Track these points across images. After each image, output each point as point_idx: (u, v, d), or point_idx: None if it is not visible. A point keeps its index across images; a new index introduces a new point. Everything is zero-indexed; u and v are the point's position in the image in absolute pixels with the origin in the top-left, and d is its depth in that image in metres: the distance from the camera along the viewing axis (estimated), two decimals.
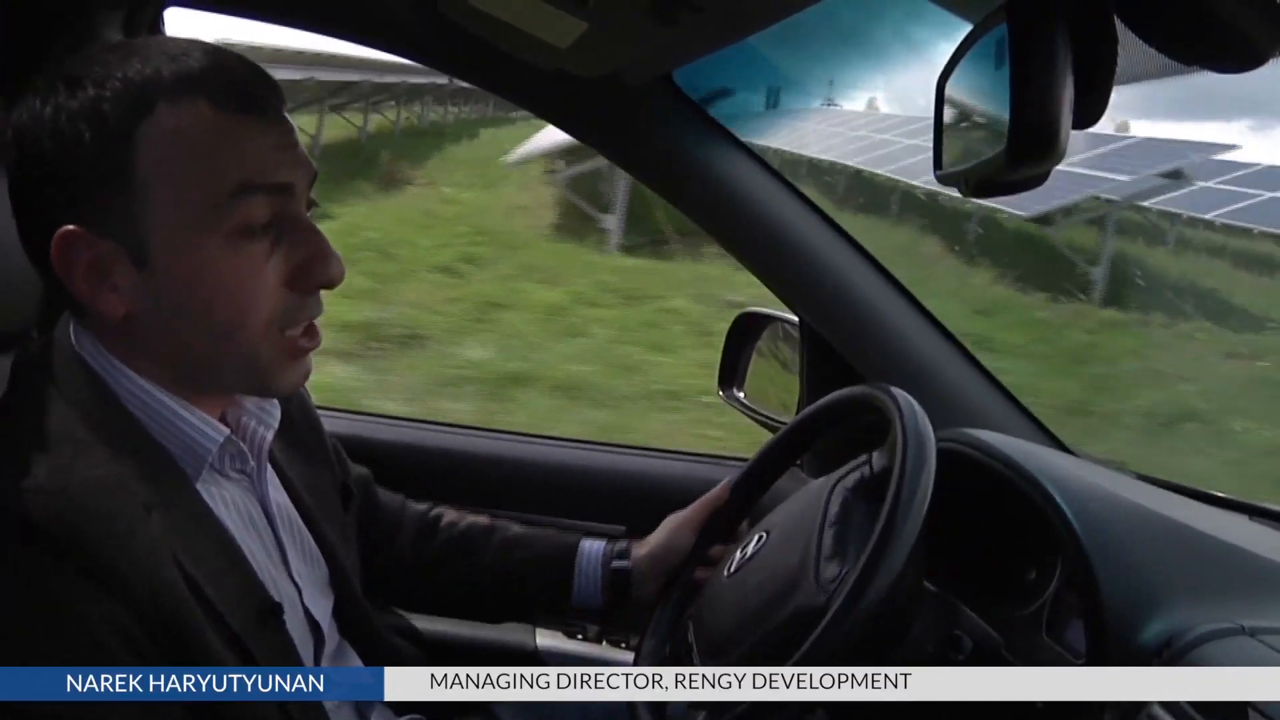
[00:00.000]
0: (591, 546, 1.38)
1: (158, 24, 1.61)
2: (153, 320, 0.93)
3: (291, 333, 0.98)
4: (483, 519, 1.45)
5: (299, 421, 1.21)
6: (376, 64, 15.93)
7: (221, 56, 0.94)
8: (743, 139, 1.55)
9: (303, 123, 13.33)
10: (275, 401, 1.09)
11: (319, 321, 1.01)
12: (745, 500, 1.36)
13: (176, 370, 0.96)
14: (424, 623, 1.69)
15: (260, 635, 0.94)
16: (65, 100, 0.89)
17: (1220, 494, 1.40)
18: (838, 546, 1.08)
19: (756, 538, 1.18)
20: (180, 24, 1.66)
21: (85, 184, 0.90)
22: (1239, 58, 0.65)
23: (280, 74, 1.07)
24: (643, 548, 1.36)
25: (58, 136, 0.89)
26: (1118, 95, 0.69)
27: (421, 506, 1.45)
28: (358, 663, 1.19)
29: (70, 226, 0.89)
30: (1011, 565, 1.24)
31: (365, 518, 1.36)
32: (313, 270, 0.96)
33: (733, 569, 1.17)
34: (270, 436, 1.08)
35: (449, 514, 1.45)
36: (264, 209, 0.92)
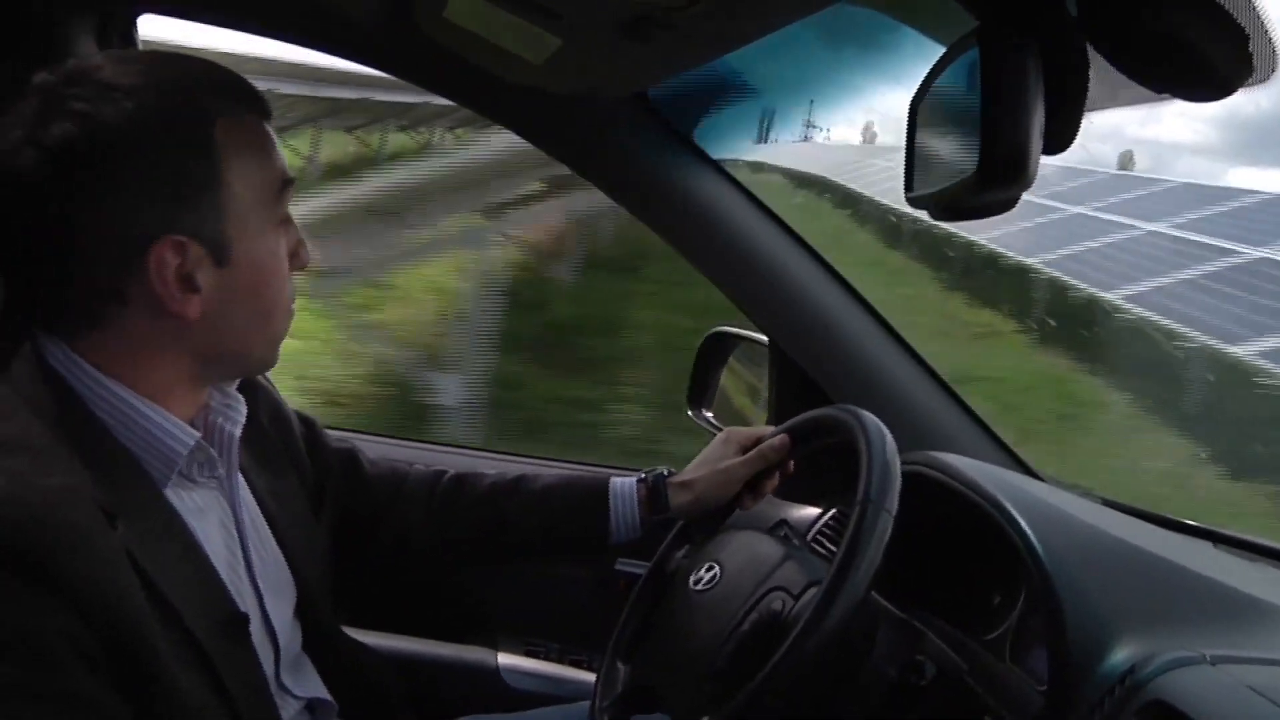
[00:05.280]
0: (623, 487, 1.34)
1: (130, 32, 1.60)
2: (221, 317, 0.98)
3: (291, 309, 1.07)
4: (504, 473, 1.40)
5: (268, 426, 1.20)
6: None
7: (224, 69, 1.00)
8: (717, 159, 1.55)
9: None
10: (240, 397, 1.09)
11: None
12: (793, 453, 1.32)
13: (208, 363, 1.01)
14: (385, 640, 1.68)
15: (224, 647, 0.93)
16: (102, 107, 0.90)
17: (1185, 521, 1.41)
18: (798, 576, 1.08)
19: (707, 566, 1.17)
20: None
21: (171, 193, 0.92)
22: (1207, 86, 0.66)
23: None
24: (685, 493, 1.32)
25: (127, 145, 0.90)
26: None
27: (426, 470, 1.41)
28: (315, 676, 1.17)
29: (173, 236, 0.92)
30: (976, 590, 1.24)
31: (352, 495, 1.33)
32: (299, 254, 1.05)
33: (690, 595, 1.17)
34: (238, 433, 1.07)
35: (460, 472, 1.41)
36: (288, 201, 1.03)
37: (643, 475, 1.34)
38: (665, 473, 1.34)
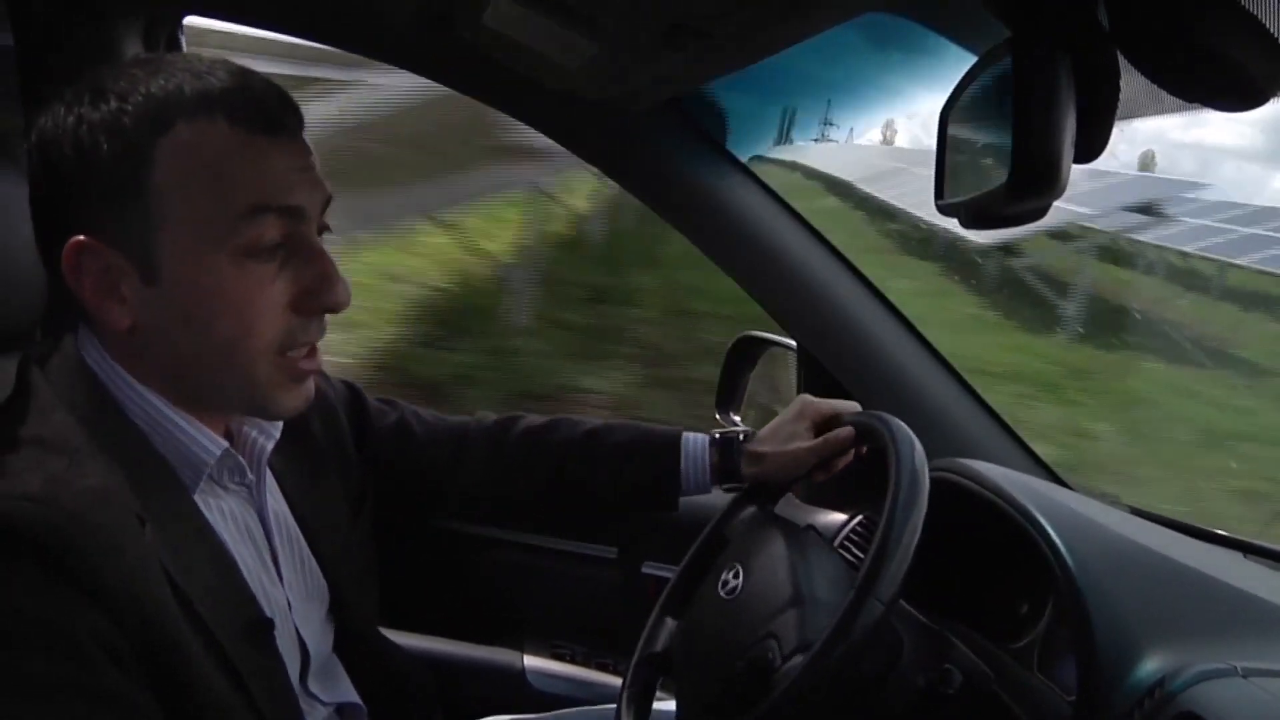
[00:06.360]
0: (695, 444, 1.35)
1: (176, 34, 1.62)
2: (156, 334, 0.93)
3: (292, 355, 0.97)
4: (576, 425, 1.40)
5: (315, 426, 1.21)
6: None
7: (246, 77, 0.94)
8: (748, 164, 1.56)
9: None
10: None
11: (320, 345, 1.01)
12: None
13: (177, 385, 0.96)
14: (411, 640, 1.69)
15: (247, 651, 0.93)
16: (88, 111, 0.89)
17: (1215, 530, 1.39)
18: (792, 634, 1.08)
19: (735, 572, 1.17)
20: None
21: (100, 195, 0.90)
22: (1240, 96, 0.66)
23: None
24: (755, 464, 1.32)
25: (77, 146, 0.89)
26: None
27: (490, 420, 1.41)
28: (345, 680, 1.18)
29: (82, 236, 0.90)
30: (1004, 598, 1.23)
31: (409, 460, 1.35)
32: (318, 294, 0.96)
33: (715, 596, 1.17)
34: (270, 447, 1.07)
35: (532, 421, 1.40)
36: (274, 230, 0.93)
37: (716, 435, 1.35)
38: (741, 436, 1.34)
